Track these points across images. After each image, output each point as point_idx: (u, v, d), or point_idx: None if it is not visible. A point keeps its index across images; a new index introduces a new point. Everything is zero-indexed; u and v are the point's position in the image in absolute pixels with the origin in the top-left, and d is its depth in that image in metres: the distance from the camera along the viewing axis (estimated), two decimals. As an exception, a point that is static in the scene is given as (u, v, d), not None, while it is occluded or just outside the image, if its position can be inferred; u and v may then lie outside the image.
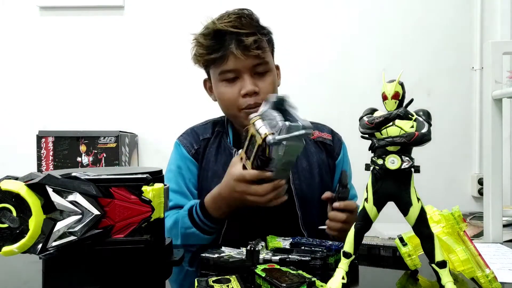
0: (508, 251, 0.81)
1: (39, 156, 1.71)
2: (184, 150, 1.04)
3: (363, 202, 0.52)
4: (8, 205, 0.49)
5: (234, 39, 0.91)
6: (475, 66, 1.94)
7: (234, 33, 0.91)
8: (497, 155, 1.07)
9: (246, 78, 0.93)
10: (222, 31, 0.92)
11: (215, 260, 0.66)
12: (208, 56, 0.94)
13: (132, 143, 1.87)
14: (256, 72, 0.95)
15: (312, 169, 1.01)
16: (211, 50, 0.93)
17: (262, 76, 0.96)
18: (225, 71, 0.94)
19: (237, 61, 0.92)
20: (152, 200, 0.54)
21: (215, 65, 0.96)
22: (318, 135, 1.05)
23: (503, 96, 1.06)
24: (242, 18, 0.93)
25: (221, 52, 0.92)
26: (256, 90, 0.93)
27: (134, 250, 0.54)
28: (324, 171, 1.03)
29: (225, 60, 0.92)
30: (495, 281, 0.55)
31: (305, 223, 0.97)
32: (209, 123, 1.09)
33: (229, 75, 0.94)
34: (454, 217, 0.59)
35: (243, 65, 0.93)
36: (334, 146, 1.05)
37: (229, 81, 0.95)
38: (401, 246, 0.65)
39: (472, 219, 1.65)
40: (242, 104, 0.94)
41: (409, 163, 0.48)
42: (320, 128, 1.08)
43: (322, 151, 1.04)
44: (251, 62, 0.93)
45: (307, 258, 0.66)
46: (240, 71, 0.93)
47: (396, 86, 0.49)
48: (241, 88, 0.94)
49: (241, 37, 0.90)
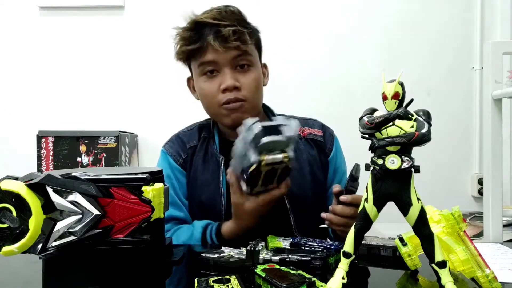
0: (508, 251, 0.81)
1: (39, 156, 1.71)
2: (171, 159, 1.01)
3: (363, 202, 0.52)
4: (8, 205, 0.49)
5: (213, 30, 0.89)
6: (475, 66, 1.94)
7: (213, 25, 0.89)
8: (497, 155, 1.07)
9: (227, 72, 0.90)
10: (201, 23, 0.91)
11: (215, 260, 0.66)
12: (186, 48, 0.92)
13: (132, 143, 1.87)
14: (238, 66, 0.92)
15: (303, 168, 0.98)
16: (190, 42, 0.92)
17: (244, 71, 0.93)
18: (204, 62, 0.91)
19: (216, 53, 0.89)
20: (152, 200, 0.55)
21: (195, 58, 0.93)
22: (308, 132, 1.02)
23: (503, 96, 1.06)
24: (224, 11, 0.92)
25: (199, 43, 0.90)
26: (236, 85, 0.90)
27: (134, 250, 0.54)
28: (316, 168, 0.99)
29: (204, 52, 0.90)
30: (495, 281, 0.55)
31: (298, 225, 0.95)
32: (194, 128, 1.07)
33: (208, 67, 0.92)
34: (454, 217, 0.58)
35: (222, 58, 0.90)
36: (326, 142, 1.02)
37: (208, 76, 0.93)
38: (401, 246, 0.65)
39: (472, 219, 1.64)
40: (221, 99, 0.91)
41: (409, 163, 0.48)
42: (310, 124, 1.04)
43: (312, 148, 1.01)
44: (231, 55, 0.90)
45: (307, 258, 0.66)
46: (220, 64, 0.91)
47: (396, 86, 0.49)
48: (221, 83, 0.91)
49: (219, 28, 0.89)
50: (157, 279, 0.62)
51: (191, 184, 1.00)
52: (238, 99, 0.90)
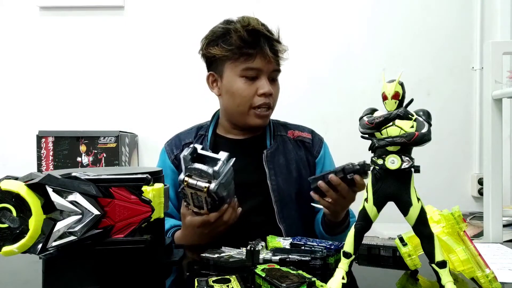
0: (508, 251, 0.81)
1: (39, 156, 1.71)
2: (166, 156, 1.09)
3: (363, 202, 0.52)
4: (8, 205, 0.49)
5: (267, 42, 0.99)
6: (475, 66, 1.94)
7: (267, 37, 0.99)
8: (497, 155, 1.07)
9: (265, 80, 1.00)
10: (259, 31, 0.98)
11: (215, 260, 0.66)
12: (245, 50, 0.98)
13: (132, 143, 1.87)
14: (271, 78, 1.02)
15: (289, 165, 1.05)
16: (248, 45, 0.97)
17: (273, 82, 1.03)
18: (250, 68, 0.99)
19: (263, 62, 0.98)
20: (152, 200, 0.54)
21: (241, 60, 0.99)
22: (298, 134, 1.11)
23: (503, 96, 1.06)
24: (267, 26, 1.02)
25: (255, 50, 0.98)
26: (272, 92, 1.00)
27: (134, 250, 0.54)
28: (302, 166, 1.07)
29: (253, 58, 0.98)
30: (495, 281, 0.55)
31: (281, 217, 1.00)
32: (194, 128, 1.13)
33: (251, 73, 0.99)
34: (454, 217, 0.59)
35: (267, 67, 0.99)
36: (314, 145, 1.10)
37: (248, 78, 0.99)
38: (401, 246, 0.65)
39: (472, 219, 1.65)
40: (256, 102, 1.00)
41: (409, 163, 0.48)
42: (300, 128, 1.14)
43: (300, 148, 1.09)
44: (273, 67, 1.01)
45: (307, 258, 0.66)
46: (262, 72, 0.99)
47: (396, 86, 0.49)
48: (258, 87, 0.99)
49: (273, 42, 1.00)
50: (157, 279, 0.62)
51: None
52: (269, 105, 1.02)
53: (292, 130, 1.12)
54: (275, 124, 1.13)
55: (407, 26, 1.95)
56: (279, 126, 1.13)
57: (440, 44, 1.94)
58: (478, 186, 1.91)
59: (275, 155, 1.05)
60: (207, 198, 0.76)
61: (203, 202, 0.78)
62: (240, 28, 0.98)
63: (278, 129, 1.11)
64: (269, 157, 1.04)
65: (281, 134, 1.10)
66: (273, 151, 1.06)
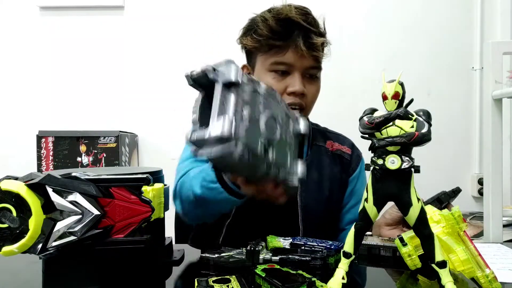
0: (508, 251, 0.81)
1: (39, 156, 1.71)
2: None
3: (363, 202, 0.52)
4: (8, 205, 0.49)
5: (303, 33, 0.86)
6: (475, 66, 1.94)
7: (303, 28, 0.86)
8: (497, 155, 1.07)
9: (297, 77, 0.88)
10: (294, 21, 0.86)
11: (215, 260, 0.66)
12: (272, 41, 0.87)
13: (132, 143, 1.87)
14: (307, 75, 0.91)
15: (322, 182, 0.95)
16: (279, 36, 0.87)
17: (311, 80, 0.92)
18: (280, 62, 0.88)
19: (296, 57, 0.87)
20: (152, 200, 0.55)
21: (271, 53, 0.89)
22: (337, 148, 1.00)
23: (503, 96, 1.06)
24: (310, 17, 0.89)
25: (286, 42, 0.86)
26: (304, 92, 0.88)
27: (134, 250, 0.54)
28: (336, 185, 0.97)
29: (284, 51, 0.87)
30: (495, 281, 0.55)
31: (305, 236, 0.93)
32: None
33: (281, 68, 0.88)
34: (454, 217, 0.58)
35: (300, 63, 0.88)
36: (352, 162, 0.99)
37: (278, 73, 0.89)
38: (401, 246, 0.65)
39: (472, 219, 1.64)
40: (285, 101, 0.90)
41: (409, 163, 0.48)
42: (340, 140, 1.02)
43: (337, 164, 0.98)
44: (309, 63, 0.89)
45: (307, 258, 0.66)
46: (294, 67, 0.88)
47: (396, 86, 0.49)
48: (288, 84, 0.88)
49: (310, 34, 0.86)
50: (157, 279, 0.62)
51: None
52: (301, 105, 0.89)
53: (332, 142, 1.01)
54: (314, 130, 1.01)
55: (407, 26, 1.95)
56: (317, 134, 1.01)
57: (440, 44, 1.94)
58: (478, 186, 1.91)
59: (309, 168, 0.89)
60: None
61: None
62: (270, 17, 0.88)
63: (316, 138, 1.00)
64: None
65: (318, 144, 0.99)
66: (308, 163, 0.92)
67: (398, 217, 0.79)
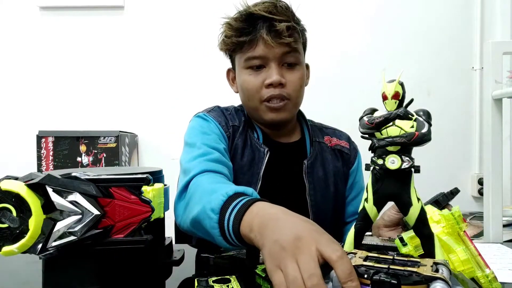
0: (508, 251, 0.81)
1: (39, 156, 1.71)
2: (219, 127, 0.92)
3: (363, 202, 0.52)
4: (8, 205, 0.49)
5: (267, 24, 0.86)
6: (475, 66, 1.94)
7: (267, 19, 0.86)
8: (497, 155, 1.07)
9: (273, 67, 0.87)
10: (255, 15, 0.87)
11: (215, 260, 0.66)
12: (237, 39, 0.88)
13: (132, 143, 1.87)
14: (285, 63, 0.89)
15: (327, 179, 0.95)
16: (241, 33, 0.87)
17: (290, 68, 0.90)
18: (252, 57, 0.88)
19: (266, 48, 0.86)
20: (152, 200, 0.54)
21: (242, 51, 0.89)
22: (335, 143, 1.00)
23: (503, 96, 1.06)
24: (278, 5, 0.88)
25: (251, 36, 0.86)
26: (282, 81, 0.87)
27: (134, 250, 0.54)
28: (339, 179, 0.98)
29: (254, 46, 0.87)
30: (495, 281, 0.55)
31: None
32: (231, 109, 0.99)
33: (255, 62, 0.88)
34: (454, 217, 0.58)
35: (272, 53, 0.86)
36: (350, 155, 1.01)
37: (254, 69, 0.89)
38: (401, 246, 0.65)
39: (472, 219, 1.65)
40: (264, 94, 0.87)
41: (409, 163, 0.48)
42: (337, 135, 1.03)
43: (338, 159, 0.99)
44: (281, 50, 0.87)
45: (307, 258, 0.66)
46: (268, 59, 0.87)
47: (396, 86, 0.49)
48: (266, 77, 0.87)
49: (273, 22, 0.85)
50: (157, 279, 0.62)
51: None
52: (282, 96, 0.88)
53: (329, 137, 1.01)
54: (312, 128, 1.01)
55: (407, 26, 1.95)
56: (316, 130, 1.02)
57: (440, 44, 1.94)
58: (478, 186, 1.91)
59: (314, 166, 0.94)
60: None
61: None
62: (234, 17, 0.90)
63: (315, 134, 1.00)
64: (309, 168, 0.93)
65: (319, 140, 0.99)
66: (313, 161, 0.94)
67: (396, 219, 0.80)
